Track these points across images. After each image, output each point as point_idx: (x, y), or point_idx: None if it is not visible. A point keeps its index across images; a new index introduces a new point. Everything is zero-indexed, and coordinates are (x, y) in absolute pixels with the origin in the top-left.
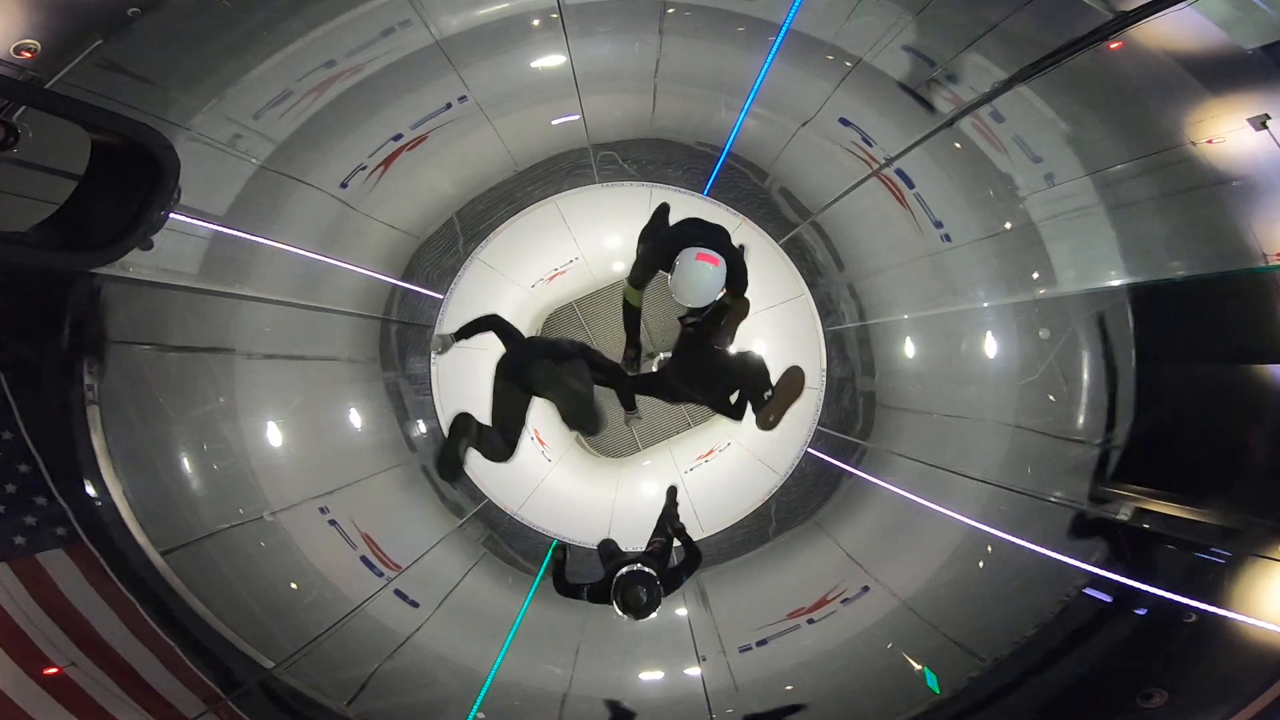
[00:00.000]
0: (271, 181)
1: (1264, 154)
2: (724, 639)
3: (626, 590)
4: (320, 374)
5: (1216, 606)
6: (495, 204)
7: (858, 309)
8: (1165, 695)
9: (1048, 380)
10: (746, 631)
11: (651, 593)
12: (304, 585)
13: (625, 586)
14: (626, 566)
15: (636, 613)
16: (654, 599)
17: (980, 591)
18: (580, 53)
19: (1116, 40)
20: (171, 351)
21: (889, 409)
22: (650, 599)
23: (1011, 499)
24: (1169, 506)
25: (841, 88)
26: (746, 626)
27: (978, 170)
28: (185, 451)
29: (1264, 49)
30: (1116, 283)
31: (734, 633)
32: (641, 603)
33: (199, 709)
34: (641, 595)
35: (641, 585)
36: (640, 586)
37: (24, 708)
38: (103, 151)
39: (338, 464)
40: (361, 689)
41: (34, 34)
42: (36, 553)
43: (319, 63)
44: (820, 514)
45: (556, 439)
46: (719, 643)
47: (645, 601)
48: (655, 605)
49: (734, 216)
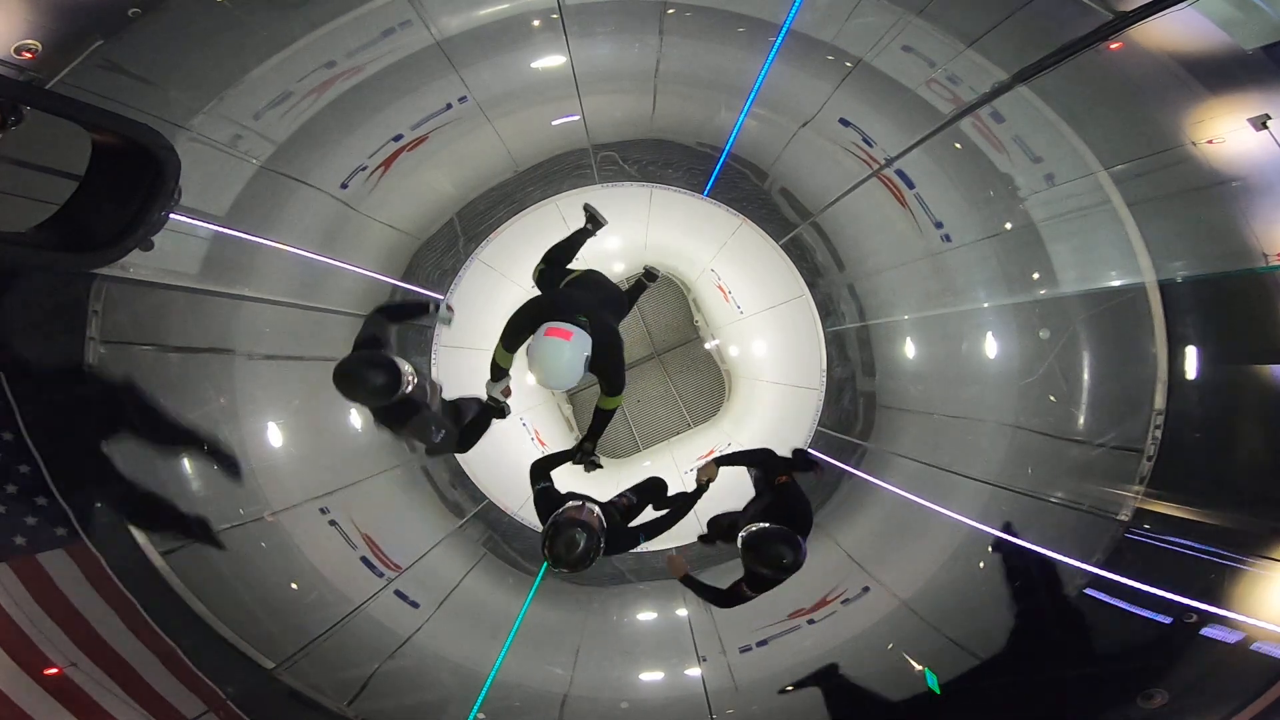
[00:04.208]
0: (272, 182)
1: (1264, 154)
2: (724, 639)
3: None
4: (320, 374)
5: (1216, 606)
6: (495, 204)
7: (858, 309)
8: (1165, 695)
9: (1048, 380)
10: (747, 632)
11: (590, 542)
12: (304, 585)
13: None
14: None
15: (568, 565)
16: (589, 550)
17: (980, 592)
18: (580, 53)
19: (1116, 40)
20: (171, 352)
21: (889, 409)
22: (585, 549)
23: (1011, 499)
24: (1169, 506)
25: (841, 88)
26: (747, 627)
27: (978, 170)
28: (185, 452)
29: (1264, 49)
30: (1117, 283)
31: (734, 633)
32: (575, 552)
33: (199, 709)
34: (579, 540)
35: (580, 531)
36: (579, 531)
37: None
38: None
39: (338, 464)
40: (362, 689)
41: (34, 34)
42: (37, 553)
43: (319, 63)
44: (820, 514)
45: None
46: (719, 643)
47: (580, 552)
48: (588, 559)
49: (734, 217)
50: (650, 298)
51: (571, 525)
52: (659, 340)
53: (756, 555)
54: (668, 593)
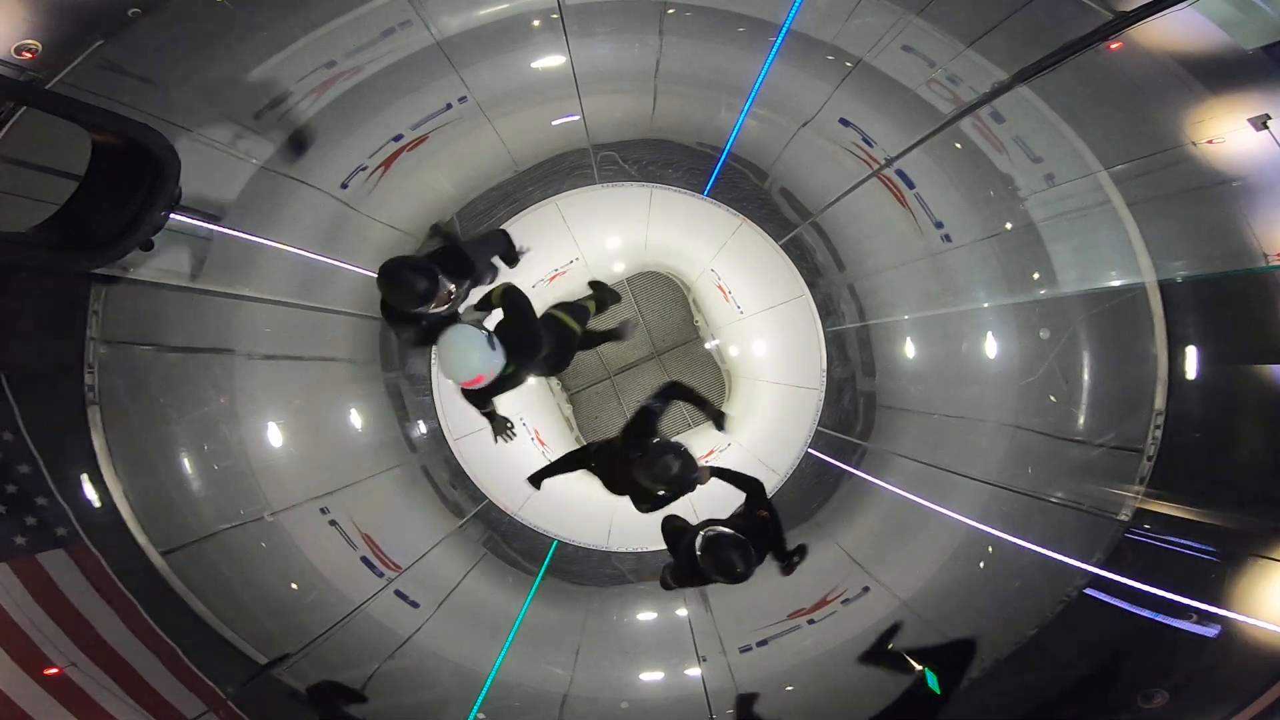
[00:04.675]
0: (272, 182)
1: (1264, 154)
2: (724, 639)
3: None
4: (320, 374)
5: (1216, 606)
6: (495, 204)
7: (858, 309)
8: (1165, 695)
9: (1048, 380)
10: (747, 632)
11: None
12: (304, 586)
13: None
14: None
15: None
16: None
17: (981, 592)
18: (580, 53)
19: (1116, 40)
20: (171, 352)
21: (889, 409)
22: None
23: (1012, 499)
24: (1169, 506)
25: (841, 88)
26: (747, 627)
27: (978, 170)
28: (185, 452)
29: (1264, 49)
30: (1117, 283)
31: (734, 633)
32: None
33: (199, 709)
34: (672, 465)
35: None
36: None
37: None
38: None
39: (338, 464)
40: (362, 689)
41: (35, 34)
42: (37, 553)
43: (319, 63)
44: (820, 514)
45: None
46: (719, 643)
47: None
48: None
49: (734, 217)
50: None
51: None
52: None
53: (713, 557)
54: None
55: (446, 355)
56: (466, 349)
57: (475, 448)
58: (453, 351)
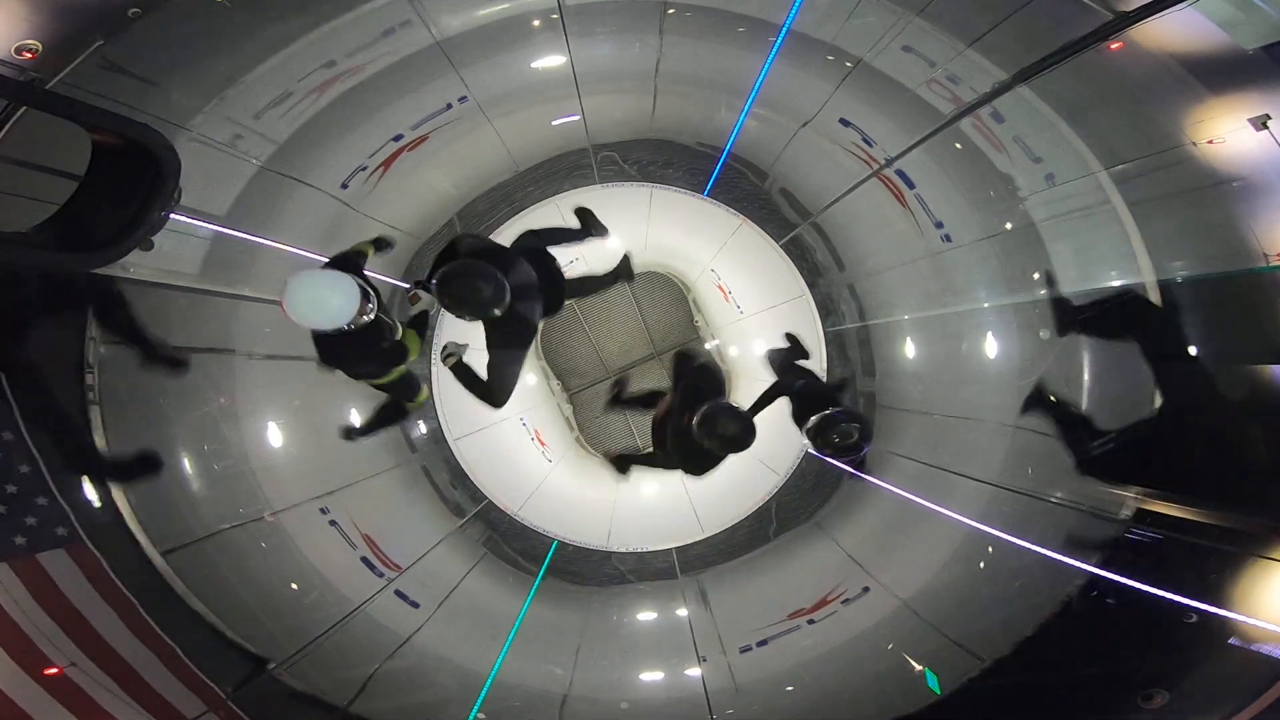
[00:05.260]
0: (272, 182)
1: (1264, 154)
2: (724, 639)
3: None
4: (320, 374)
5: (1216, 606)
6: (496, 204)
7: (858, 309)
8: (1165, 695)
9: (1048, 380)
10: (747, 632)
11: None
12: (304, 586)
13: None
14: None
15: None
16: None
17: (981, 592)
18: (580, 53)
19: (1116, 40)
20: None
21: (889, 409)
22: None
23: (1012, 499)
24: (1169, 506)
25: (842, 88)
26: (747, 627)
27: (978, 170)
28: (185, 452)
29: (1264, 49)
30: (1117, 283)
31: (734, 633)
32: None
33: (199, 709)
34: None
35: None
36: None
37: (24, 708)
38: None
39: (338, 464)
40: (362, 689)
41: (35, 34)
42: (37, 553)
43: (319, 63)
44: (821, 514)
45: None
46: (719, 643)
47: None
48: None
49: (734, 217)
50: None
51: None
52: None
53: (709, 428)
54: (668, 593)
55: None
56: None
57: (475, 448)
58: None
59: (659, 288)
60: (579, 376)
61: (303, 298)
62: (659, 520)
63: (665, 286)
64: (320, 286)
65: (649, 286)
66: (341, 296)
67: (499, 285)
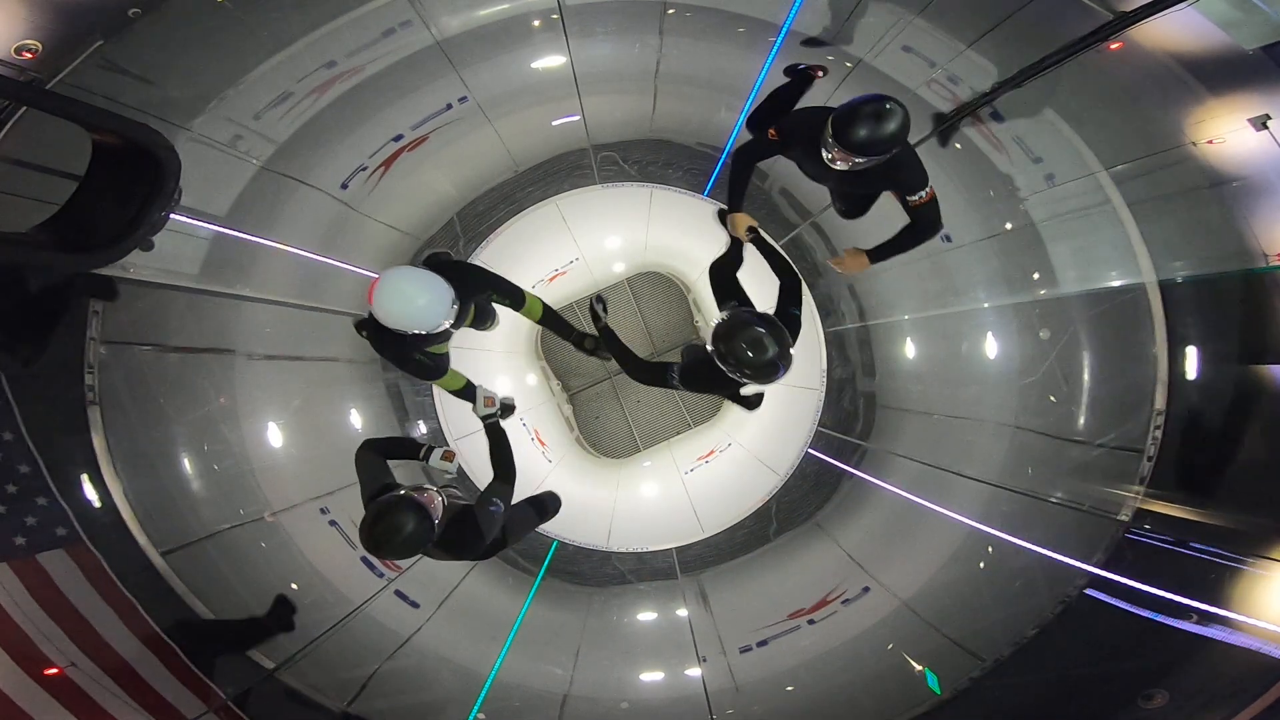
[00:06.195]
0: (272, 182)
1: (1264, 154)
2: (724, 639)
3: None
4: (321, 374)
5: (1216, 606)
6: (495, 204)
7: (858, 309)
8: (1165, 695)
9: (1048, 381)
10: (747, 632)
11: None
12: (304, 586)
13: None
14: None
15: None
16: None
17: (981, 592)
18: (580, 53)
19: (1116, 40)
20: (171, 352)
21: (889, 410)
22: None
23: (1012, 499)
24: (1169, 506)
25: (842, 88)
26: (747, 627)
27: (978, 170)
28: (186, 452)
29: (1264, 49)
30: (1117, 283)
31: (734, 633)
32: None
33: (199, 709)
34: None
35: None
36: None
37: (24, 708)
38: (103, 152)
39: (338, 464)
40: (362, 690)
41: (35, 34)
42: (37, 553)
43: (320, 63)
44: (821, 514)
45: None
46: (719, 643)
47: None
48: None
49: None
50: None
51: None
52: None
53: (737, 341)
54: (668, 593)
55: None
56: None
57: (475, 448)
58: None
59: (659, 288)
60: (579, 377)
61: (397, 292)
62: (659, 520)
63: (665, 286)
64: (422, 289)
65: (649, 286)
66: (433, 298)
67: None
